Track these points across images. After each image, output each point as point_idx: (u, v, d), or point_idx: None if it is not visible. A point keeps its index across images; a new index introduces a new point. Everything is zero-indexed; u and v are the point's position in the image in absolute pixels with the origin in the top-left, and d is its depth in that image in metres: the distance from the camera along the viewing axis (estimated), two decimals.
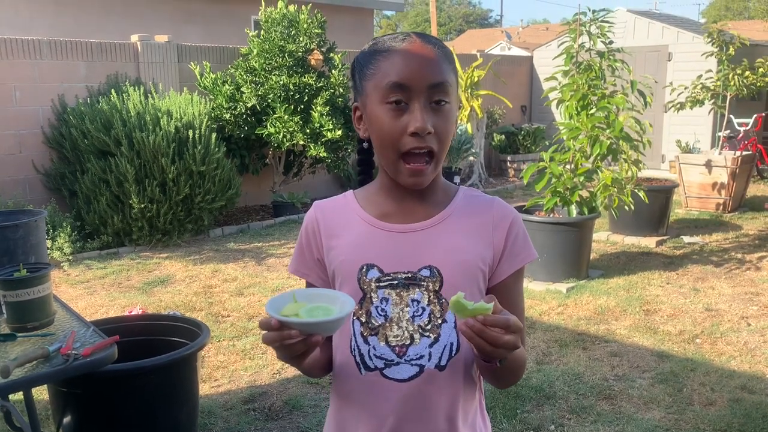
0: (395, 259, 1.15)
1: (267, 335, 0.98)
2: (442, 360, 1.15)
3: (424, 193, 1.18)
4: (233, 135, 7.18)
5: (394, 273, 1.15)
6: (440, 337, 1.15)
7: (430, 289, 1.15)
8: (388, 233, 1.17)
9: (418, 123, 1.08)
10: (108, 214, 6.03)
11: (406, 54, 1.10)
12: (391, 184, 1.18)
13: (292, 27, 7.15)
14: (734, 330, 4.15)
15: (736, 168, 7.40)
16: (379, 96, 1.11)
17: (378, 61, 1.12)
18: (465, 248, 1.16)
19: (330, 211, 1.23)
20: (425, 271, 1.14)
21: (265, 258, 5.90)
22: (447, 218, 1.18)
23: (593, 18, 5.33)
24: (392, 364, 1.14)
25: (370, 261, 1.15)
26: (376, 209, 1.19)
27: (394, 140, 1.10)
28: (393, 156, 1.12)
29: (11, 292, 2.05)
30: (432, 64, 1.11)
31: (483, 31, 36.46)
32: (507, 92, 10.61)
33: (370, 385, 1.16)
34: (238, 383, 3.50)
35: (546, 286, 4.94)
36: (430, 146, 1.10)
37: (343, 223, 1.20)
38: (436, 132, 1.10)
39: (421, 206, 1.18)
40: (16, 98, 6.28)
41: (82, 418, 2.57)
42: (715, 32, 7.49)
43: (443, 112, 1.11)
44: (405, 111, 1.09)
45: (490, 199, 1.23)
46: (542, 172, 5.13)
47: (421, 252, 1.15)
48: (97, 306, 4.65)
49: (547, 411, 3.15)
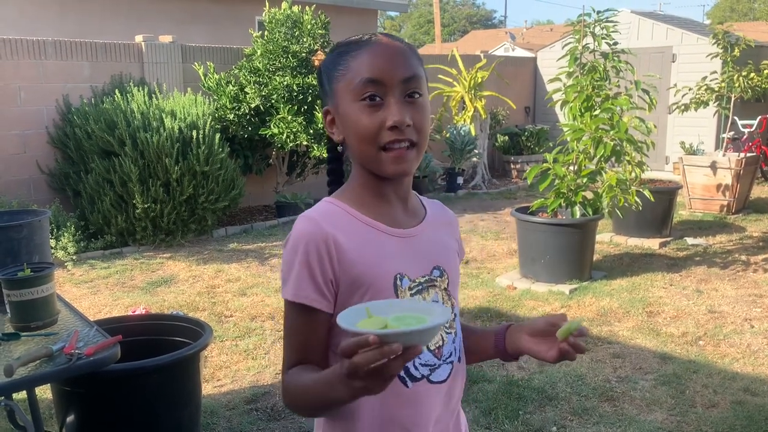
0: (414, 263, 1.16)
1: (365, 357, 0.83)
2: (460, 352, 1.22)
3: (408, 193, 1.21)
4: (237, 135, 7.19)
5: (417, 278, 1.16)
6: (457, 332, 1.21)
7: (442, 288, 1.19)
8: (402, 239, 1.16)
9: (396, 117, 1.07)
10: (112, 214, 6.05)
11: (376, 50, 1.10)
12: (380, 186, 1.15)
13: (295, 28, 7.16)
14: (737, 332, 4.14)
15: (740, 170, 7.38)
16: (353, 95, 1.09)
17: (347, 62, 1.11)
18: (452, 247, 1.26)
19: (337, 223, 1.11)
20: (436, 272, 1.18)
21: (268, 258, 5.91)
22: (432, 219, 1.24)
23: (598, 19, 5.32)
24: (436, 367, 1.15)
25: (400, 270, 1.12)
26: (377, 214, 1.15)
27: (373, 135, 1.08)
28: (373, 151, 1.10)
29: (15, 291, 2.06)
30: (403, 58, 1.11)
31: (487, 32, 36.43)
32: (510, 93, 10.60)
33: (416, 396, 1.12)
34: (240, 383, 3.50)
35: (549, 288, 4.94)
36: (409, 138, 1.10)
37: (355, 234, 1.11)
38: (414, 124, 1.10)
39: (409, 209, 1.21)
40: (21, 98, 6.30)
41: (85, 418, 2.58)
42: (720, 33, 7.47)
43: (418, 104, 1.11)
44: (380, 106, 1.08)
45: (438, 202, 1.32)
46: (546, 173, 5.13)
47: (430, 253, 1.19)
48: (100, 305, 4.66)
49: (549, 412, 3.15)
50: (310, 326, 1.10)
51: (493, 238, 6.63)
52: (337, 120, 1.14)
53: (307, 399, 1.06)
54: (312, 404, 1.07)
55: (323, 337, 1.11)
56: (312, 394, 1.04)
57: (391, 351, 0.82)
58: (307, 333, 1.10)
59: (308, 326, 1.10)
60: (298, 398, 1.08)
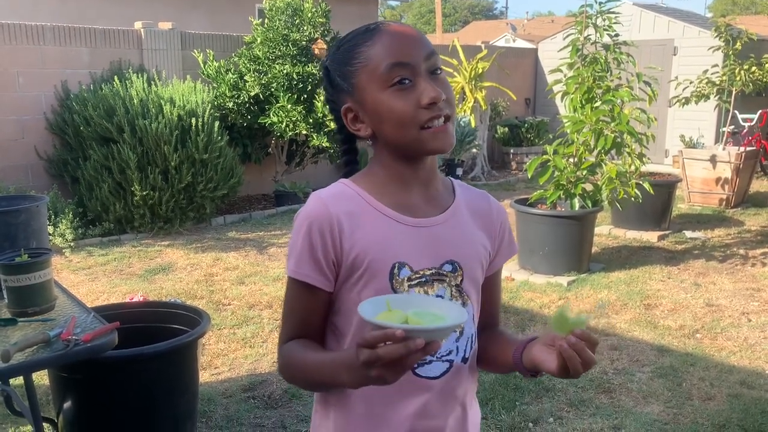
0: (421, 255, 1.12)
1: (390, 349, 0.86)
2: (467, 353, 1.17)
3: (433, 180, 1.17)
4: (236, 124, 7.17)
5: (422, 270, 1.12)
6: (464, 331, 1.16)
7: (452, 284, 1.14)
8: (411, 228, 1.12)
9: (433, 93, 1.06)
10: (110, 201, 6.03)
11: (391, 35, 1.09)
12: (404, 172, 1.13)
13: (296, 16, 7.12)
14: (735, 325, 4.15)
15: (740, 163, 7.37)
16: (380, 83, 1.07)
17: (362, 53, 1.09)
18: (478, 241, 1.18)
19: (345, 205, 1.11)
20: (447, 266, 1.13)
21: (266, 247, 5.90)
22: (458, 210, 1.18)
23: (600, 10, 5.29)
24: (424, 362, 1.12)
25: (401, 259, 1.10)
26: (392, 200, 1.13)
27: (411, 118, 1.07)
28: (413, 132, 1.08)
29: (12, 277, 2.05)
30: (418, 38, 1.11)
31: (488, 23, 36.31)
32: (511, 84, 10.57)
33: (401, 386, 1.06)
34: (238, 371, 3.51)
35: (547, 279, 4.94)
36: (446, 112, 1.09)
37: (362, 218, 1.11)
38: (447, 97, 1.10)
39: (432, 196, 1.16)
40: (19, 84, 6.27)
41: (82, 404, 2.58)
42: (722, 26, 7.44)
43: (441, 79, 1.11)
44: (410, 88, 1.07)
45: (483, 193, 1.25)
46: (546, 165, 5.12)
47: (444, 246, 1.14)
48: (98, 292, 4.66)
49: (546, 403, 3.15)
50: (309, 303, 1.12)
51: None
52: (363, 114, 1.11)
53: (305, 376, 1.10)
54: (310, 381, 1.11)
55: (321, 315, 1.14)
56: (312, 373, 1.08)
57: (415, 346, 0.85)
58: (305, 310, 1.13)
59: (307, 303, 1.12)
60: (295, 373, 1.12)
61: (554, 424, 2.99)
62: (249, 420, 3.02)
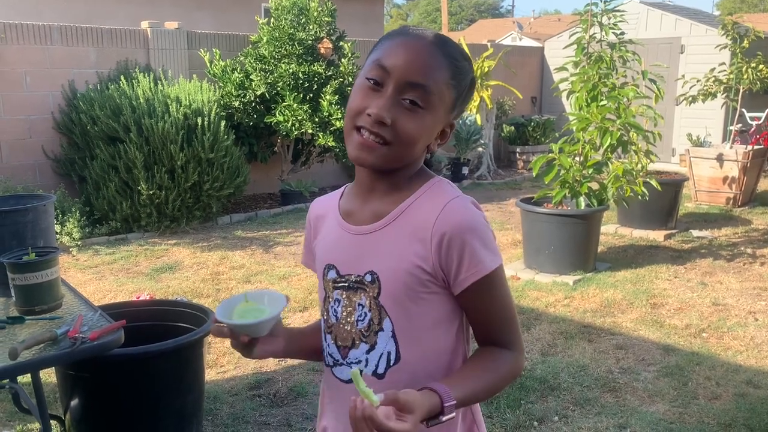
0: (349, 261, 1.16)
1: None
2: (379, 368, 1.13)
3: (385, 188, 1.14)
4: (242, 123, 7.19)
5: (347, 275, 1.16)
6: (377, 345, 1.13)
7: (371, 295, 1.13)
8: (347, 234, 1.18)
9: (375, 109, 1.06)
10: (117, 200, 6.06)
11: (406, 44, 1.09)
12: (359, 179, 1.19)
13: (302, 15, 7.12)
14: (741, 325, 4.13)
15: (747, 162, 7.34)
16: (365, 70, 1.12)
17: (386, 42, 1.13)
18: (401, 255, 1.09)
19: (320, 207, 1.28)
20: (368, 276, 1.13)
21: (272, 246, 5.92)
22: (395, 219, 1.12)
23: (605, 9, 5.28)
24: (338, 363, 1.19)
25: (331, 262, 1.19)
26: (346, 207, 1.21)
27: (355, 114, 1.10)
28: (349, 126, 1.11)
29: (20, 275, 2.07)
30: (423, 63, 1.06)
31: (494, 21, 36.24)
32: (517, 83, 10.55)
33: (329, 380, 1.23)
34: (244, 369, 3.52)
35: (553, 278, 4.94)
36: (381, 134, 1.06)
37: (326, 220, 1.25)
38: (396, 127, 1.06)
39: (380, 204, 1.15)
40: (27, 84, 6.30)
41: (89, 401, 2.60)
42: (729, 24, 7.40)
43: (414, 114, 1.06)
44: (376, 93, 1.08)
45: (443, 201, 1.09)
46: (551, 163, 5.11)
47: (367, 256, 1.14)
48: (105, 291, 4.68)
49: (551, 402, 3.15)
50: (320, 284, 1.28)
51: (498, 229, 6.62)
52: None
53: None
54: None
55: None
56: None
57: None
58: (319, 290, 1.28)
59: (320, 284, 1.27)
60: None
61: (559, 422, 2.98)
62: (254, 418, 3.03)
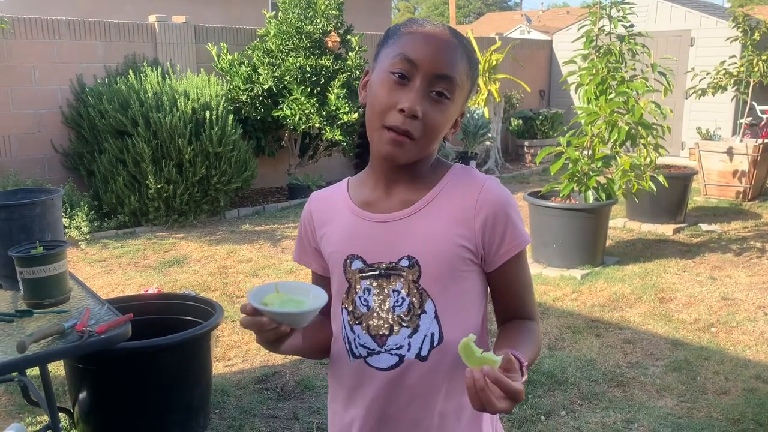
0: (377, 249, 1.16)
1: (243, 319, 1.03)
2: (423, 350, 1.15)
3: (406, 178, 1.17)
4: (249, 117, 7.19)
5: (376, 263, 1.16)
6: (419, 328, 1.15)
7: (409, 280, 1.14)
8: (370, 223, 1.17)
9: (408, 103, 1.06)
10: (125, 194, 6.08)
11: (430, 36, 1.10)
12: (379, 170, 1.18)
13: (309, 8, 7.11)
14: (750, 319, 4.11)
15: (758, 156, 7.28)
16: (387, 64, 1.10)
17: (402, 34, 1.12)
18: (442, 237, 1.14)
19: (323, 200, 1.27)
20: (404, 262, 1.14)
21: (280, 240, 5.92)
22: (427, 205, 1.16)
23: (614, 1, 5.24)
24: (374, 353, 1.17)
25: (354, 252, 1.18)
26: (362, 197, 1.20)
27: (383, 110, 1.09)
28: (377, 124, 1.10)
29: (28, 269, 2.07)
30: (448, 55, 1.09)
31: (502, 14, 36.06)
32: (525, 76, 10.50)
33: (359, 372, 1.20)
34: (251, 363, 3.53)
35: (561, 272, 4.92)
36: (411, 131, 1.08)
37: (333, 213, 1.23)
38: (425, 120, 1.08)
39: (406, 193, 1.17)
40: (36, 78, 6.32)
41: (97, 394, 2.62)
42: (740, 17, 7.34)
43: (441, 105, 1.09)
44: (403, 87, 1.08)
45: (478, 182, 1.15)
46: (559, 156, 5.09)
47: (401, 242, 1.15)
48: (113, 284, 4.70)
49: (559, 397, 3.15)
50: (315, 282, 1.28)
51: None
52: (369, 83, 1.16)
53: None
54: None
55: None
56: None
57: (260, 322, 1.01)
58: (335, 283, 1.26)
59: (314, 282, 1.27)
60: None
61: (567, 417, 2.98)
62: (262, 411, 3.04)
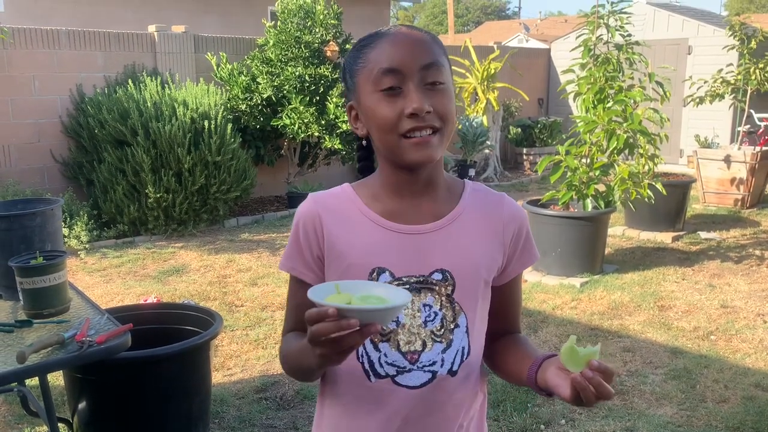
0: (406, 262, 1.11)
1: (322, 327, 0.87)
2: (455, 365, 1.13)
3: (430, 189, 1.14)
4: (249, 126, 7.21)
5: (406, 277, 1.11)
6: (453, 342, 1.13)
7: (442, 294, 1.11)
8: (397, 234, 1.12)
9: (415, 104, 1.04)
10: (124, 204, 6.09)
11: (394, 40, 1.08)
12: (396, 181, 1.13)
13: (308, 18, 7.14)
14: (750, 327, 4.11)
15: (756, 163, 7.30)
16: (372, 85, 1.08)
17: (365, 54, 1.09)
18: (478, 250, 1.14)
19: (332, 205, 1.16)
20: (437, 275, 1.11)
21: (279, 249, 5.93)
22: (458, 218, 1.14)
23: (611, 10, 5.27)
24: (404, 371, 1.11)
25: (381, 264, 1.11)
26: (382, 207, 1.14)
27: (393, 124, 1.06)
28: (394, 139, 1.07)
29: (28, 279, 2.08)
30: (422, 47, 1.08)
31: (501, 23, 36.20)
32: (524, 85, 10.54)
33: (380, 393, 1.13)
34: (250, 372, 3.52)
35: (560, 281, 4.92)
36: (431, 124, 1.06)
37: (347, 221, 1.14)
38: (436, 110, 1.07)
39: (429, 204, 1.14)
40: (35, 87, 6.34)
41: (96, 404, 2.61)
42: (737, 25, 7.38)
43: (440, 91, 1.08)
44: (399, 96, 1.06)
45: (499, 197, 1.19)
46: (558, 165, 5.10)
47: (433, 255, 1.11)
48: (112, 294, 4.70)
49: (558, 405, 3.14)
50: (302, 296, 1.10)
51: None
52: (360, 114, 1.12)
53: (291, 363, 1.14)
54: (294, 368, 1.13)
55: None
56: (293, 359, 1.12)
57: (348, 325, 0.86)
58: (299, 302, 1.16)
59: (300, 296, 1.14)
60: (286, 362, 1.16)
61: (566, 426, 2.98)
62: (261, 421, 3.04)
